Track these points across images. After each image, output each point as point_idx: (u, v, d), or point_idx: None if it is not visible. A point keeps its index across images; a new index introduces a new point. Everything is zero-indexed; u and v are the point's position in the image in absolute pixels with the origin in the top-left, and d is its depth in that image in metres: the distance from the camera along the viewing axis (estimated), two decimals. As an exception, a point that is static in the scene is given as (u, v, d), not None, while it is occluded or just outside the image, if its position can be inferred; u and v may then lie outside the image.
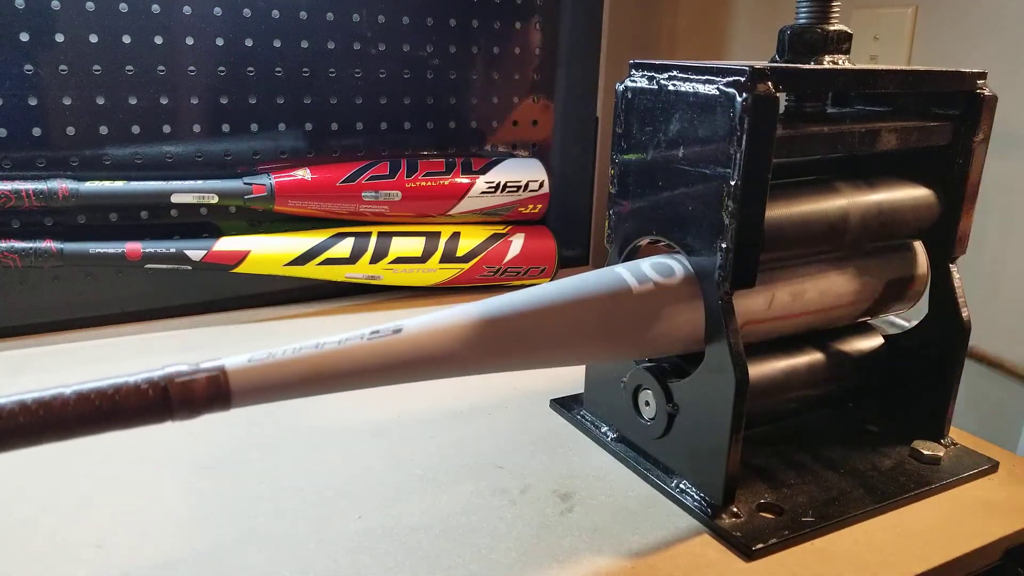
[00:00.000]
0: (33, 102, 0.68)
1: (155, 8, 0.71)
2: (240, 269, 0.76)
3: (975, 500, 0.51)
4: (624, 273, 0.46)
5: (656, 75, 0.48)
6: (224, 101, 0.76)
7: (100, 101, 0.71)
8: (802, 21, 0.51)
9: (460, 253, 0.84)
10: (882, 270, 0.55)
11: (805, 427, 0.58)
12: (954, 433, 0.57)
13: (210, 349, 0.72)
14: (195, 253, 0.74)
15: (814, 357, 0.56)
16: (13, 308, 0.72)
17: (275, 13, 0.76)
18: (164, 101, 0.73)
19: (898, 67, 0.50)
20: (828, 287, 0.53)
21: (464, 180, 0.84)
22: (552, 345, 0.44)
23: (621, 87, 0.51)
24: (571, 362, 0.47)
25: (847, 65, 0.51)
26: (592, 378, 0.59)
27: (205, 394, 0.34)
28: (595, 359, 0.52)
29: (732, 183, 0.43)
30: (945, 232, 0.54)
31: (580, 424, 0.58)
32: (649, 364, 0.52)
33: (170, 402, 0.33)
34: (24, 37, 0.67)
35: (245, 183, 0.76)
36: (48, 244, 0.69)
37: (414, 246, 0.82)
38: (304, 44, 0.78)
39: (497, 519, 0.47)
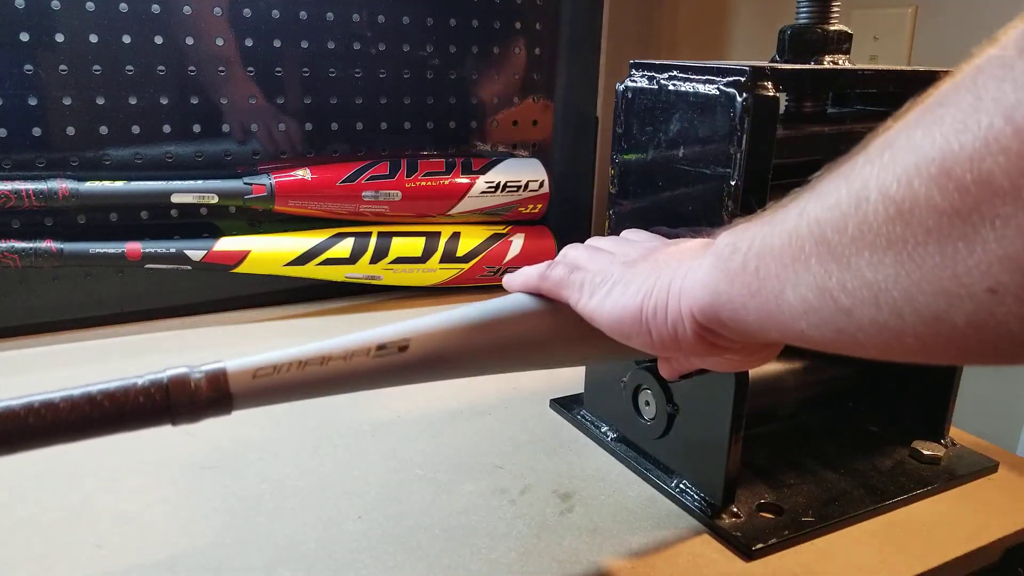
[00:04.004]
0: (33, 102, 0.68)
1: (155, 8, 0.71)
2: (240, 269, 0.76)
3: (975, 500, 0.51)
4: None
5: (656, 75, 0.48)
6: (224, 101, 0.76)
7: (100, 101, 0.71)
8: (802, 21, 0.51)
9: (460, 253, 0.84)
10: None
11: (805, 427, 0.58)
12: (954, 433, 0.57)
13: (210, 349, 0.72)
14: (195, 253, 0.74)
15: (814, 357, 0.56)
16: (13, 308, 0.72)
17: (275, 13, 0.76)
18: (164, 101, 0.73)
19: (898, 67, 0.50)
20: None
21: (464, 180, 0.84)
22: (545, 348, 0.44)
23: (621, 87, 0.51)
24: (571, 363, 0.47)
25: (847, 65, 0.51)
26: (592, 378, 0.59)
27: (207, 397, 0.34)
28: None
29: (732, 183, 0.43)
30: (945, 232, 0.54)
31: (580, 424, 0.58)
32: (649, 364, 0.51)
33: (172, 405, 0.33)
34: (24, 37, 0.67)
35: (245, 183, 0.76)
36: (48, 244, 0.69)
37: (414, 246, 0.82)
38: (304, 44, 0.78)
39: (497, 519, 0.47)
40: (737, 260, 0.30)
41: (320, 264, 0.79)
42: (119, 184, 0.72)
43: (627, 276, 0.37)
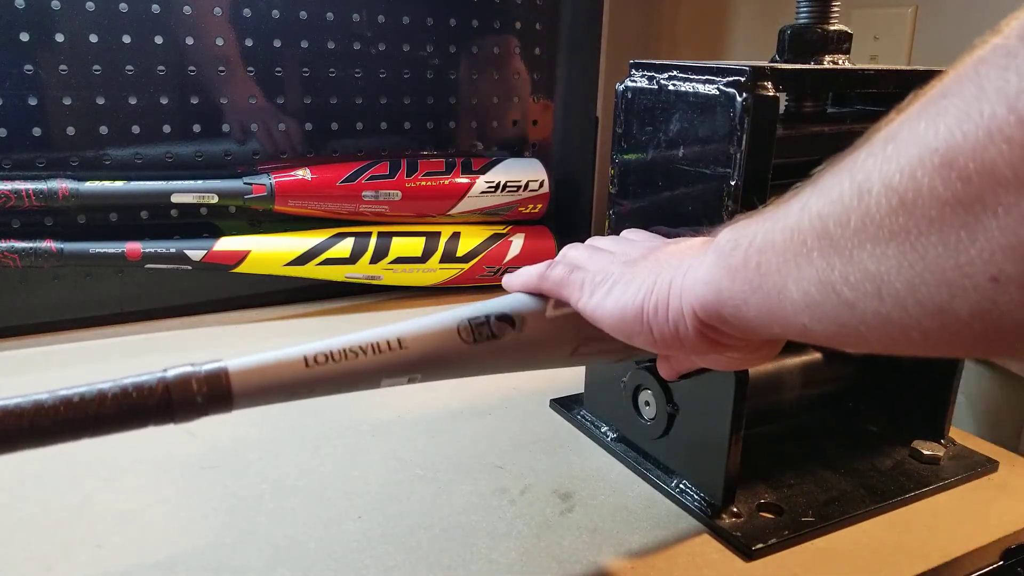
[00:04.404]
0: (33, 102, 0.68)
1: (155, 8, 0.71)
2: (240, 269, 0.76)
3: (975, 500, 0.51)
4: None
5: (656, 75, 0.48)
6: (224, 101, 0.76)
7: (100, 101, 0.71)
8: (802, 21, 0.51)
9: (460, 253, 0.84)
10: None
11: (805, 427, 0.58)
12: (954, 433, 0.57)
13: (210, 349, 0.72)
14: (195, 253, 0.74)
15: (813, 357, 0.56)
16: (13, 308, 0.72)
17: (275, 13, 0.76)
18: (164, 101, 0.73)
19: (898, 67, 0.50)
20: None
21: (464, 180, 0.84)
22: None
23: (621, 87, 0.51)
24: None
25: (847, 65, 0.51)
26: (592, 378, 0.59)
27: (207, 396, 0.34)
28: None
29: (732, 183, 0.43)
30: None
31: (580, 424, 0.58)
32: (649, 364, 0.51)
33: (172, 404, 0.33)
34: (24, 37, 0.67)
35: (245, 183, 0.76)
36: (48, 244, 0.69)
37: (414, 246, 0.82)
38: (304, 44, 0.78)
39: (497, 519, 0.47)
40: (738, 256, 0.30)
41: (320, 264, 0.79)
42: (119, 184, 0.72)
43: (628, 275, 0.37)
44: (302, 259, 0.78)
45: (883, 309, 0.24)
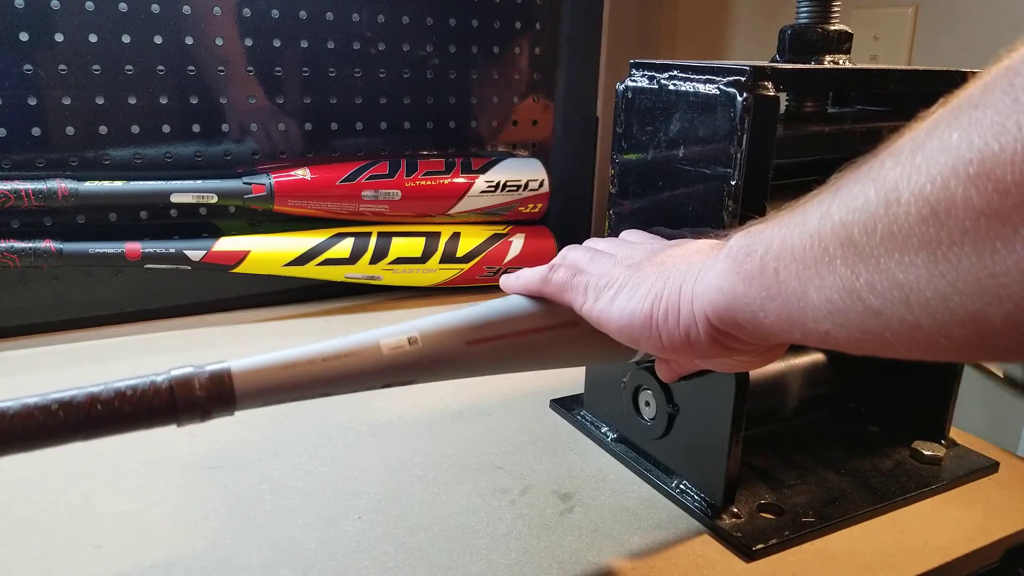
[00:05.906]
0: (33, 102, 0.68)
1: (155, 8, 0.71)
2: (240, 269, 0.76)
3: (975, 500, 0.51)
4: None
5: (656, 75, 0.48)
6: (223, 101, 0.76)
7: (100, 101, 0.71)
8: (803, 21, 0.51)
9: (460, 253, 0.84)
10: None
11: (805, 427, 0.58)
12: (954, 433, 0.57)
13: (210, 349, 0.72)
14: (195, 253, 0.74)
15: (814, 357, 0.56)
16: (13, 308, 0.72)
17: (275, 13, 0.76)
18: (164, 101, 0.73)
19: (898, 67, 0.50)
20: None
21: (464, 180, 0.84)
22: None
23: (621, 87, 0.51)
24: (572, 364, 0.47)
25: (847, 65, 0.51)
26: (592, 378, 0.59)
27: (210, 397, 0.34)
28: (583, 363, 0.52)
29: (733, 183, 0.43)
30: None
31: (580, 424, 0.58)
32: (649, 364, 0.51)
33: (176, 406, 0.33)
34: (24, 37, 0.67)
35: (245, 183, 0.76)
36: (48, 244, 0.69)
37: (414, 246, 0.82)
38: (304, 44, 0.78)
39: (497, 519, 0.47)
40: (754, 263, 0.30)
41: (320, 264, 0.79)
42: (118, 184, 0.72)
43: (633, 279, 0.37)
44: (302, 259, 0.78)
45: (911, 316, 0.24)
